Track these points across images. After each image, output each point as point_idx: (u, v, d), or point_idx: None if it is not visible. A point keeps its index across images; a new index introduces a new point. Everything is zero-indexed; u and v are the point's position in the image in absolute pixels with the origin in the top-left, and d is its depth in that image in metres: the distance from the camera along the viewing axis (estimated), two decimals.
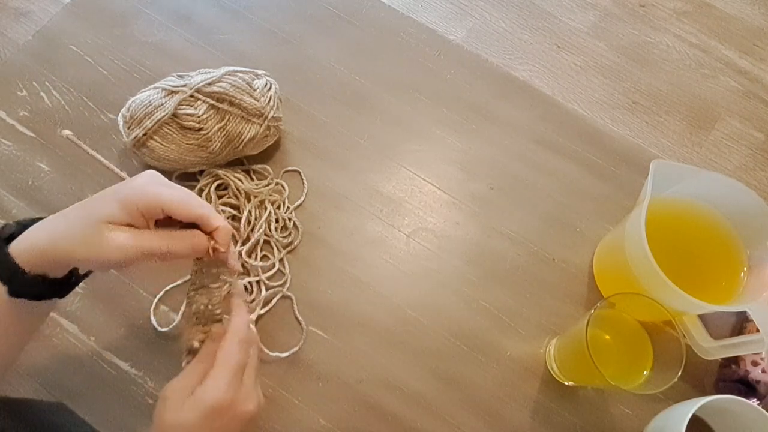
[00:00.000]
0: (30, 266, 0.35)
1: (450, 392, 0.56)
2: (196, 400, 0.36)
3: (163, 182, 0.38)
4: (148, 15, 0.73)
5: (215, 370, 0.37)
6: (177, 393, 0.36)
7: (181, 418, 0.35)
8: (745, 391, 0.54)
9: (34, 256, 0.35)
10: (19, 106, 0.66)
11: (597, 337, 0.52)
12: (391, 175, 0.66)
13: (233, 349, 0.38)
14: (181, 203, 0.36)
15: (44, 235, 0.36)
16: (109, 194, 0.36)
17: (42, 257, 0.35)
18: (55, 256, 0.35)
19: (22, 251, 0.35)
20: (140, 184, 0.37)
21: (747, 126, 0.74)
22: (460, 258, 0.62)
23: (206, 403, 0.35)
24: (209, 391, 0.36)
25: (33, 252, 0.35)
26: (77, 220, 0.36)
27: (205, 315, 0.40)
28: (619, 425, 0.55)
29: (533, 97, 0.72)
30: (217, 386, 0.36)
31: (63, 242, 0.35)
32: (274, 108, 0.60)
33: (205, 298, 0.40)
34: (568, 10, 0.81)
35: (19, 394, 0.52)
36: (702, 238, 0.56)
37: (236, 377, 0.37)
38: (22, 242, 0.36)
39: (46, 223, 0.37)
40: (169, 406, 0.36)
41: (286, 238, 0.60)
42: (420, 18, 0.77)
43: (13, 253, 0.35)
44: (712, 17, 0.82)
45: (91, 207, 0.36)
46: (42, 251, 0.35)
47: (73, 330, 0.55)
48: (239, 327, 0.39)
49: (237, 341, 0.38)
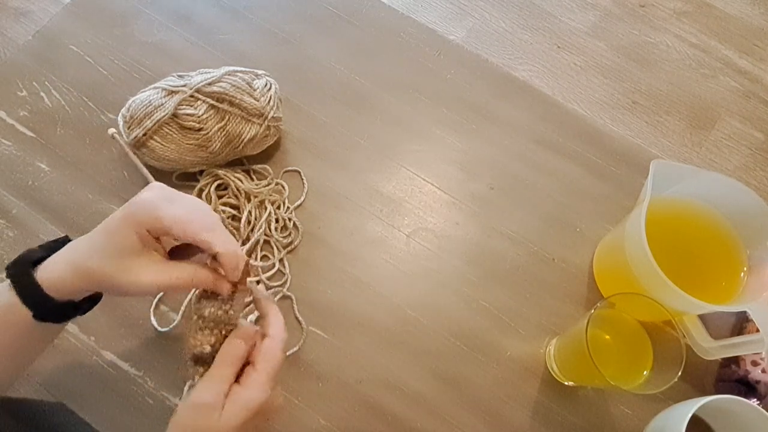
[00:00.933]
0: (58, 294, 0.36)
1: (450, 392, 0.56)
2: (242, 402, 0.35)
3: (168, 197, 0.38)
4: (148, 15, 0.73)
5: (260, 372, 0.37)
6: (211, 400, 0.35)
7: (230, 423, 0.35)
8: (745, 391, 0.54)
9: (65, 285, 0.36)
10: (19, 106, 0.66)
11: (597, 337, 0.52)
12: (391, 175, 0.66)
13: (277, 352, 0.38)
14: (181, 225, 0.36)
15: (72, 266, 0.36)
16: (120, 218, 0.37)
17: (71, 287, 0.36)
18: (86, 287, 0.36)
19: (50, 279, 0.36)
20: (145, 202, 0.37)
21: (747, 126, 0.74)
22: (460, 258, 0.62)
23: (253, 404, 0.36)
24: (255, 393, 0.36)
25: (64, 282, 0.36)
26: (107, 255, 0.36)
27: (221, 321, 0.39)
28: (619, 425, 0.55)
29: (533, 97, 0.72)
30: (263, 388, 0.36)
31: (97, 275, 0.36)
32: (274, 108, 0.60)
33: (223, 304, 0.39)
34: (568, 10, 0.81)
35: (19, 394, 0.52)
36: (702, 238, 0.56)
37: (274, 379, 0.38)
38: (51, 270, 0.36)
39: (73, 252, 0.37)
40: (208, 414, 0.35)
41: (286, 238, 0.60)
42: (420, 18, 0.77)
43: (41, 280, 0.36)
44: (712, 17, 0.82)
45: (115, 239, 0.36)
46: (72, 282, 0.36)
47: (73, 330, 0.55)
48: (280, 330, 0.39)
49: (280, 343, 0.39)
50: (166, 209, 0.36)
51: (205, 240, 0.36)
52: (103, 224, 0.37)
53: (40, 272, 0.36)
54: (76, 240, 0.38)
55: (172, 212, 0.36)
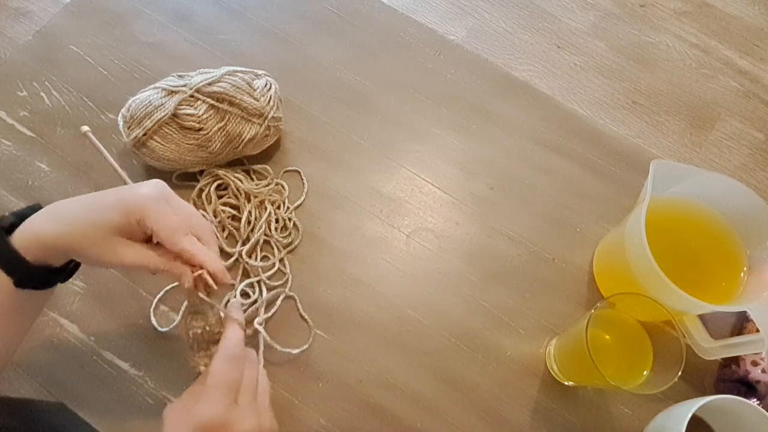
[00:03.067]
0: (33, 257, 0.36)
1: (450, 392, 0.56)
2: (191, 418, 0.36)
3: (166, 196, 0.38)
4: (148, 15, 0.73)
5: (206, 389, 0.37)
6: (176, 413, 0.38)
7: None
8: (745, 391, 0.54)
9: (39, 248, 0.36)
10: (19, 106, 0.66)
11: (597, 337, 0.52)
12: (391, 175, 0.66)
13: (222, 367, 0.38)
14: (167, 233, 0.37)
15: (49, 229, 0.36)
16: (113, 200, 0.37)
17: (46, 250, 0.36)
18: (61, 251, 0.37)
19: (25, 243, 0.36)
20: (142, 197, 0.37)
21: (747, 126, 0.74)
22: (460, 258, 0.62)
23: (198, 421, 0.36)
24: (199, 409, 0.36)
25: (38, 245, 0.36)
26: (85, 223, 0.36)
27: (205, 338, 0.41)
28: (619, 425, 0.55)
29: (533, 97, 0.72)
30: (208, 404, 0.36)
31: (71, 241, 0.36)
32: (274, 108, 0.60)
33: (202, 322, 0.41)
34: (568, 10, 0.81)
35: (19, 394, 0.52)
36: (702, 238, 0.56)
37: (228, 396, 0.37)
38: (25, 234, 0.36)
39: (49, 216, 0.37)
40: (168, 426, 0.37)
41: (286, 238, 0.60)
42: (420, 18, 0.77)
43: (16, 244, 0.36)
44: (712, 17, 0.82)
45: (96, 211, 0.37)
46: (46, 245, 0.36)
47: (73, 330, 0.55)
48: (228, 345, 0.39)
49: (225, 358, 0.39)
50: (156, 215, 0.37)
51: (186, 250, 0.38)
52: (92, 197, 0.38)
53: (15, 237, 0.36)
54: (58, 204, 0.38)
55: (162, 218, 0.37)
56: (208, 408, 0.36)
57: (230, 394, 0.38)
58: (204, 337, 0.41)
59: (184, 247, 0.38)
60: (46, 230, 0.36)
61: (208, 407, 0.36)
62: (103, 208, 0.37)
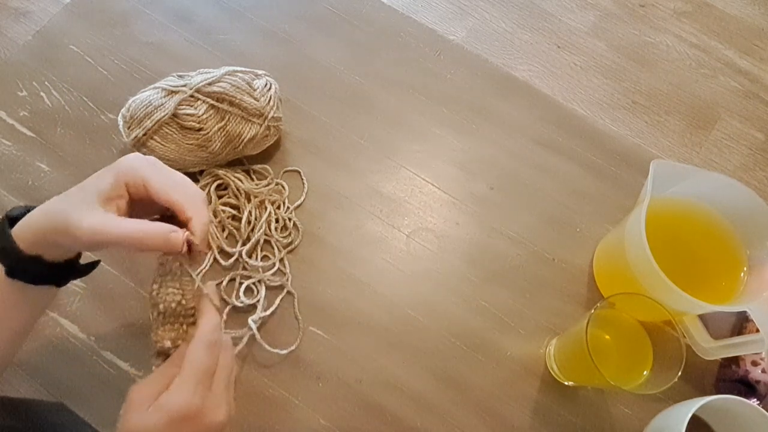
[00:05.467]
0: (26, 245, 0.36)
1: (450, 392, 0.56)
2: (161, 405, 0.34)
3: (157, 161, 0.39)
4: (148, 15, 0.73)
5: (181, 376, 0.35)
6: (143, 396, 0.35)
7: (145, 424, 0.34)
8: (745, 391, 0.54)
9: (30, 234, 0.36)
10: (19, 106, 0.66)
11: (597, 337, 0.52)
12: (391, 175, 0.66)
13: (200, 354, 0.36)
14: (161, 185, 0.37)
15: (39, 212, 0.36)
16: (108, 170, 0.37)
17: (35, 235, 0.36)
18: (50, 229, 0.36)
19: (19, 230, 0.36)
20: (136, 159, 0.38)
21: (747, 126, 0.74)
22: (460, 258, 0.62)
23: (171, 409, 0.34)
24: (174, 398, 0.34)
25: (29, 230, 0.36)
26: (74, 192, 0.36)
27: (178, 313, 0.38)
28: (619, 425, 0.55)
29: (533, 97, 0.72)
30: (183, 392, 0.34)
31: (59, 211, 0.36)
32: (274, 108, 0.60)
33: (178, 296, 0.38)
34: (568, 10, 0.81)
35: (19, 394, 0.52)
36: (702, 238, 0.56)
37: (203, 384, 0.36)
38: (22, 224, 0.36)
39: (47, 202, 0.37)
40: (134, 409, 0.34)
41: (286, 238, 0.60)
42: (420, 18, 0.77)
43: (13, 233, 0.36)
44: (712, 17, 0.82)
45: (91, 181, 0.37)
46: (36, 228, 0.36)
47: (73, 330, 0.55)
48: (206, 330, 0.37)
49: (204, 345, 0.36)
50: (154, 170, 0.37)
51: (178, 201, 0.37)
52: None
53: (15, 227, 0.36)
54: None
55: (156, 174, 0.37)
56: (183, 396, 0.34)
57: (206, 382, 0.36)
58: (177, 310, 0.38)
59: (177, 198, 0.36)
60: (35, 212, 0.36)
61: (183, 395, 0.34)
62: (92, 177, 0.37)
